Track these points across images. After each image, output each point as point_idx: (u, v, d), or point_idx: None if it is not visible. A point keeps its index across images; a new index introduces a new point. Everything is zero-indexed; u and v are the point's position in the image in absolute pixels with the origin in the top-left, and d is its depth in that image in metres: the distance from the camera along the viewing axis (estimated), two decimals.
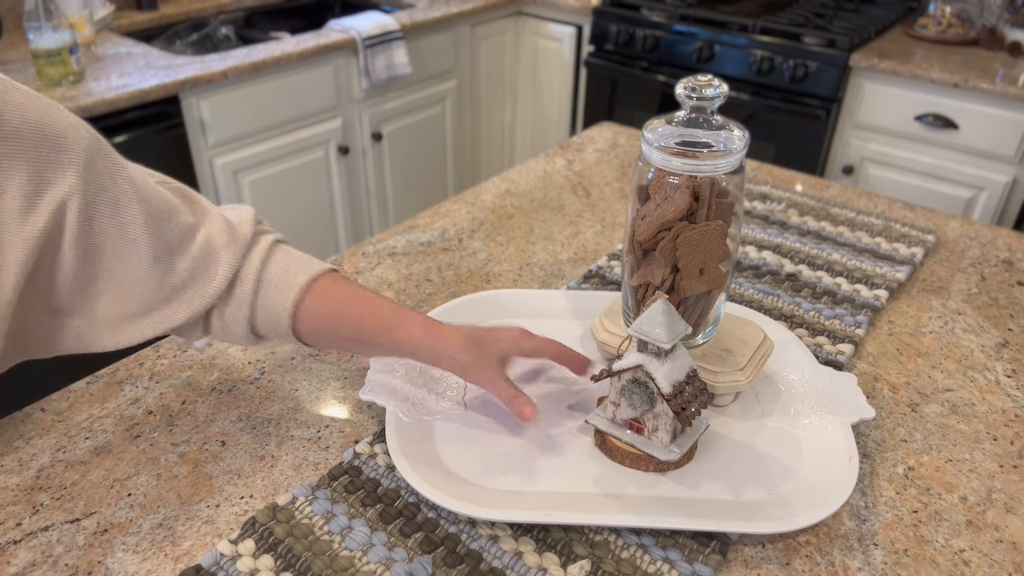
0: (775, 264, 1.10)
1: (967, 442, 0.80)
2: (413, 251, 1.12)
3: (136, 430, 0.78)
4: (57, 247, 0.63)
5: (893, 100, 2.13)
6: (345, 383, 0.85)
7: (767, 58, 2.25)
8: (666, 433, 0.71)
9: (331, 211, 2.36)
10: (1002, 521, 0.71)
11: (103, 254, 0.66)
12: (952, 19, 2.27)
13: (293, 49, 2.05)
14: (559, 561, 0.65)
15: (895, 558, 0.67)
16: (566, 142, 1.50)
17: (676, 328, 0.68)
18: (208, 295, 0.70)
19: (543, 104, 2.90)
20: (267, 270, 0.73)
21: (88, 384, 0.84)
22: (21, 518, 0.68)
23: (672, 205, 0.73)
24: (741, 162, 0.74)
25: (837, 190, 1.34)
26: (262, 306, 0.73)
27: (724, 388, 0.79)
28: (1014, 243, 1.18)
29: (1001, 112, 1.99)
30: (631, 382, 0.71)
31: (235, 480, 0.73)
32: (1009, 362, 0.92)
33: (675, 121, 0.75)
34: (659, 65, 2.48)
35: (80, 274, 0.65)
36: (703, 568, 0.64)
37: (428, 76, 2.50)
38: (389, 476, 0.73)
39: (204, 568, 0.63)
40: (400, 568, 0.64)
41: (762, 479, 0.73)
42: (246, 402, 0.82)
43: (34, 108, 0.60)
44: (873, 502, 0.72)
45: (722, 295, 0.80)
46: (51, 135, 0.61)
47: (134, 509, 0.69)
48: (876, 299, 1.02)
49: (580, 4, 2.60)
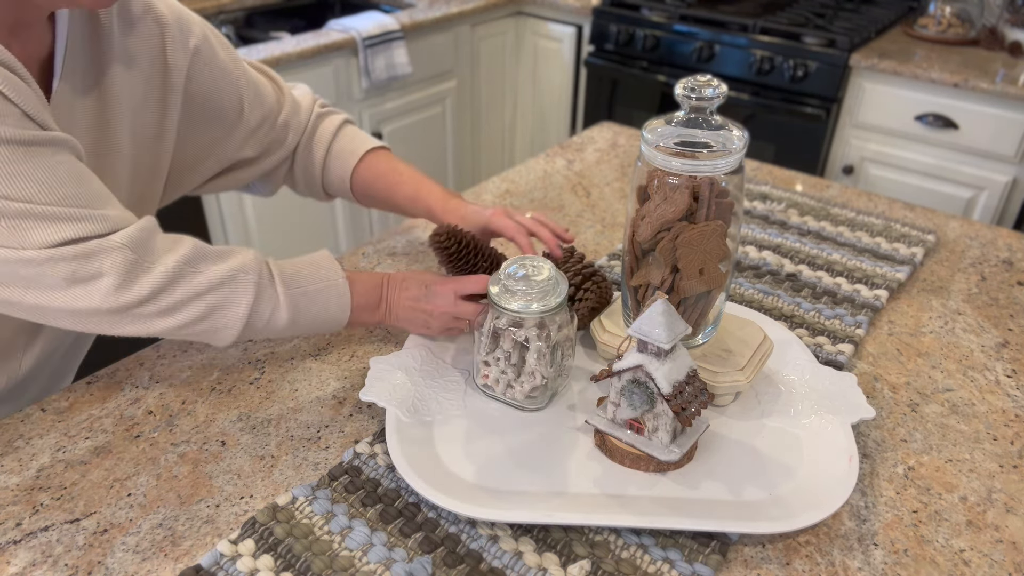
0: (775, 264, 1.10)
1: (967, 442, 0.80)
2: (413, 251, 1.12)
3: (136, 430, 0.78)
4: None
5: (893, 100, 2.13)
6: (345, 383, 0.85)
7: (767, 58, 2.25)
8: (666, 433, 0.71)
9: (331, 211, 2.36)
10: (1002, 521, 0.71)
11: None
12: (952, 19, 2.27)
13: (293, 49, 2.05)
14: (559, 561, 0.65)
15: (895, 558, 0.67)
16: (566, 142, 1.50)
17: (676, 328, 0.68)
18: (274, 161, 1.00)
19: (543, 104, 2.90)
20: (335, 144, 1.02)
21: (88, 384, 0.84)
22: (21, 518, 0.68)
23: (672, 205, 0.73)
24: (741, 162, 0.74)
25: (837, 190, 1.34)
26: (328, 170, 1.03)
27: (724, 388, 0.79)
28: (1014, 243, 1.18)
29: (1001, 112, 1.99)
30: (631, 382, 0.71)
31: (235, 480, 0.73)
32: (1009, 362, 0.92)
33: (675, 121, 0.75)
34: (659, 65, 2.48)
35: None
36: (703, 568, 0.64)
37: (428, 76, 2.50)
38: (389, 476, 0.73)
39: (204, 568, 0.63)
40: (400, 568, 0.64)
41: (762, 479, 0.73)
42: (246, 402, 0.82)
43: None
44: (873, 502, 0.72)
45: (722, 295, 0.80)
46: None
47: (134, 509, 0.69)
48: (876, 299, 1.02)
49: (580, 4, 2.60)
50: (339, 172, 1.02)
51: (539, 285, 0.76)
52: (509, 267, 0.78)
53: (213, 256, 0.76)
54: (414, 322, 0.87)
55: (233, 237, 2.10)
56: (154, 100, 0.84)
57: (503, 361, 0.79)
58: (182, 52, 0.85)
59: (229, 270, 0.76)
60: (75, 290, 0.70)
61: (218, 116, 0.91)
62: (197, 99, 0.88)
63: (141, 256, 0.72)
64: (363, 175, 1.02)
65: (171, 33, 0.83)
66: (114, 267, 0.70)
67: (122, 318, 0.72)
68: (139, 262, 0.72)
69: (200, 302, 0.74)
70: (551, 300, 0.76)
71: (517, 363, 0.79)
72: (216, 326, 0.76)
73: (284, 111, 0.98)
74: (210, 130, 0.92)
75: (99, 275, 0.70)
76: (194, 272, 0.74)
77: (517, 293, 0.76)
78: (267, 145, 0.98)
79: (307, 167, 1.03)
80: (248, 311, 0.76)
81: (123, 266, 0.70)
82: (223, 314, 0.76)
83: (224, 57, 0.90)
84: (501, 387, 0.81)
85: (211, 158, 0.94)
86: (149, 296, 0.72)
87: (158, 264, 0.73)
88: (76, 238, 0.69)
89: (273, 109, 0.97)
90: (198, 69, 0.87)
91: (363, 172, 1.02)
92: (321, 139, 1.02)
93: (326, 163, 1.02)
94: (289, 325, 0.80)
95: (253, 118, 0.94)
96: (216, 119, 0.91)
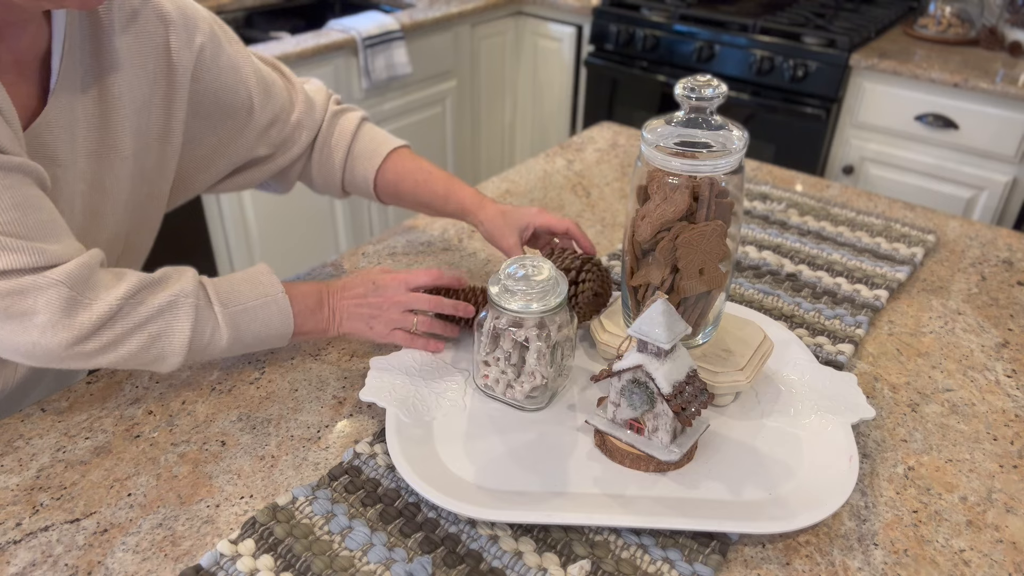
0: (775, 264, 1.10)
1: (967, 442, 0.80)
2: (413, 251, 1.12)
3: (136, 430, 0.78)
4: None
5: (893, 100, 2.13)
6: (345, 383, 0.85)
7: (767, 58, 2.25)
8: (666, 433, 0.71)
9: (331, 211, 2.36)
10: (1002, 521, 0.71)
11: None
12: (952, 19, 2.27)
13: (293, 49, 2.04)
14: (559, 561, 0.65)
15: (895, 558, 0.67)
16: (566, 142, 1.50)
17: (676, 328, 0.68)
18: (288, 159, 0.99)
19: (543, 104, 2.90)
20: (355, 144, 1.01)
21: (88, 384, 0.84)
22: (21, 518, 0.68)
23: (672, 205, 0.73)
24: (740, 162, 0.74)
25: (837, 190, 1.34)
26: (350, 171, 1.02)
27: (724, 388, 0.79)
28: (1014, 243, 1.18)
29: (1001, 112, 1.99)
30: (631, 382, 0.71)
31: (235, 480, 0.73)
32: (1009, 362, 0.92)
33: (674, 121, 0.75)
34: (659, 65, 2.48)
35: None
36: (703, 568, 0.64)
37: (428, 76, 2.50)
38: (389, 476, 0.73)
39: (204, 568, 0.63)
40: (400, 568, 0.64)
41: (762, 479, 0.73)
42: (246, 402, 0.82)
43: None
44: (873, 502, 0.72)
45: (722, 295, 0.80)
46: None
47: (134, 509, 0.69)
48: (876, 299, 1.02)
49: (580, 4, 2.60)
50: (362, 172, 1.01)
51: (539, 285, 0.76)
52: (509, 267, 0.78)
53: (151, 285, 0.75)
54: (357, 321, 0.85)
55: (233, 237, 2.10)
56: (159, 99, 0.83)
57: (503, 361, 0.79)
58: (187, 50, 0.83)
59: (169, 296, 0.74)
60: (10, 325, 0.68)
61: (228, 114, 0.90)
62: (205, 98, 0.87)
63: (79, 293, 0.70)
64: (388, 175, 1.01)
65: (175, 30, 0.82)
66: (48, 305, 0.68)
67: (63, 354, 0.71)
68: (76, 299, 0.69)
69: (142, 333, 0.73)
70: (551, 300, 0.76)
71: (517, 363, 0.79)
72: (161, 354, 0.75)
73: (297, 108, 0.97)
74: (220, 129, 0.91)
75: (32, 312, 0.68)
76: (135, 304, 0.73)
77: (517, 293, 0.76)
78: (280, 143, 0.97)
79: (326, 167, 1.02)
80: (190, 335, 0.75)
81: (58, 303, 0.68)
82: (166, 341, 0.75)
83: (232, 53, 0.89)
84: (501, 387, 0.81)
85: (223, 158, 0.93)
86: (89, 333, 0.70)
87: (98, 301, 0.71)
88: (6, 270, 0.67)
89: (285, 106, 0.96)
90: (205, 67, 0.86)
91: (388, 172, 1.01)
92: (341, 140, 1.00)
93: (347, 164, 1.02)
94: (231, 344, 0.79)
95: (264, 116, 0.93)
96: (226, 117, 0.90)
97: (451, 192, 1.00)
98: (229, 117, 0.90)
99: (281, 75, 0.98)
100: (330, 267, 1.08)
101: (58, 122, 0.73)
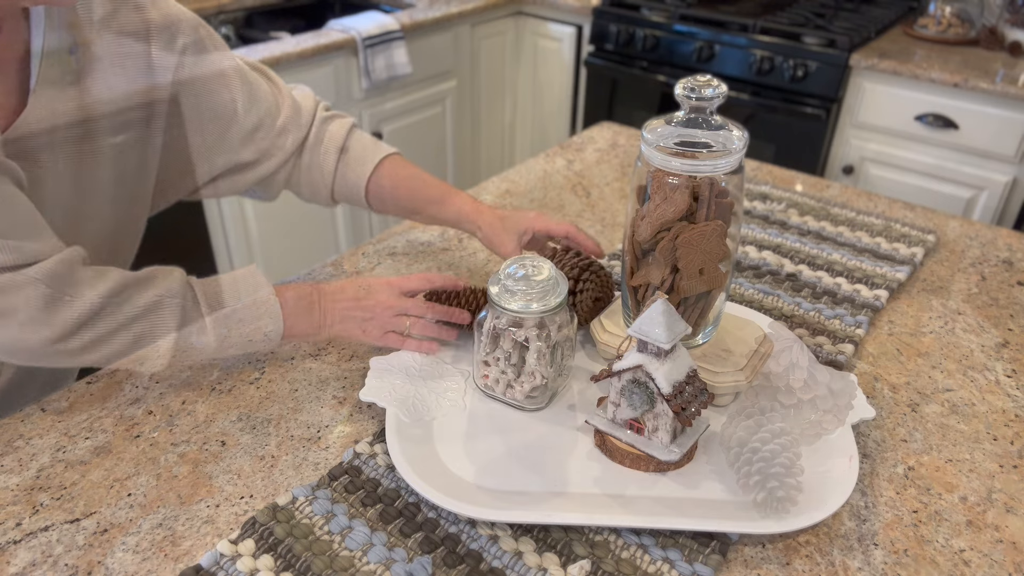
0: (775, 264, 1.10)
1: (967, 442, 0.80)
2: (413, 251, 1.12)
3: (136, 430, 0.78)
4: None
5: (893, 100, 2.13)
6: (345, 383, 0.85)
7: (767, 58, 2.24)
8: (666, 433, 0.71)
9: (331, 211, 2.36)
10: (1002, 521, 0.71)
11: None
12: (952, 19, 2.27)
13: (293, 49, 2.04)
14: (559, 561, 0.65)
15: (895, 558, 0.67)
16: (566, 142, 1.50)
17: (676, 328, 0.68)
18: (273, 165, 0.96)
19: (543, 104, 2.90)
20: (347, 150, 1.00)
21: (88, 384, 0.84)
22: (21, 518, 0.68)
23: (672, 205, 0.73)
24: (740, 162, 0.74)
25: (837, 190, 1.34)
26: (341, 176, 1.00)
27: (724, 388, 0.79)
28: (1014, 243, 1.18)
29: (1001, 112, 1.98)
30: (631, 382, 0.71)
31: (235, 480, 0.73)
32: (1009, 362, 0.92)
33: (674, 121, 0.75)
34: (659, 65, 2.48)
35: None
36: (703, 568, 0.64)
37: (428, 76, 2.50)
38: (389, 476, 0.73)
39: (204, 568, 0.63)
40: (400, 568, 0.64)
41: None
42: (246, 402, 0.82)
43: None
44: (873, 502, 0.72)
45: (722, 295, 0.80)
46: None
47: (134, 509, 0.69)
48: (876, 299, 1.02)
49: (580, 4, 2.60)
50: (353, 180, 1.00)
51: (539, 285, 0.76)
52: (509, 267, 0.78)
53: (136, 284, 0.74)
54: (350, 323, 0.85)
55: (233, 237, 2.10)
56: (138, 99, 0.82)
57: (503, 361, 0.79)
58: (168, 51, 0.82)
59: (154, 296, 0.74)
60: None
61: (210, 117, 0.89)
62: (187, 99, 0.86)
63: (58, 290, 0.69)
64: (382, 181, 1.00)
65: (156, 31, 0.81)
66: (27, 302, 0.68)
67: (45, 352, 0.70)
68: (56, 297, 0.69)
69: (126, 332, 0.73)
70: (551, 300, 0.76)
71: (517, 363, 0.79)
72: (146, 355, 0.75)
73: (283, 113, 0.95)
74: (202, 132, 0.90)
75: (12, 309, 0.68)
76: (119, 303, 0.72)
77: (517, 293, 0.76)
78: (265, 149, 0.95)
79: (314, 175, 1.00)
80: (176, 336, 0.75)
81: (37, 301, 0.68)
82: (151, 342, 0.74)
83: (216, 57, 0.88)
84: (501, 387, 0.81)
85: (206, 161, 0.92)
86: (72, 331, 0.70)
87: (79, 299, 0.70)
88: None
89: (271, 112, 0.94)
90: (187, 69, 0.85)
91: (381, 178, 1.00)
92: (330, 148, 0.99)
93: (337, 172, 1.00)
94: (219, 346, 0.78)
95: (249, 120, 0.92)
96: (209, 120, 0.89)
97: (447, 198, 1.00)
98: (212, 120, 0.89)
99: (268, 80, 0.96)
100: (330, 267, 1.08)
101: (38, 122, 0.73)
